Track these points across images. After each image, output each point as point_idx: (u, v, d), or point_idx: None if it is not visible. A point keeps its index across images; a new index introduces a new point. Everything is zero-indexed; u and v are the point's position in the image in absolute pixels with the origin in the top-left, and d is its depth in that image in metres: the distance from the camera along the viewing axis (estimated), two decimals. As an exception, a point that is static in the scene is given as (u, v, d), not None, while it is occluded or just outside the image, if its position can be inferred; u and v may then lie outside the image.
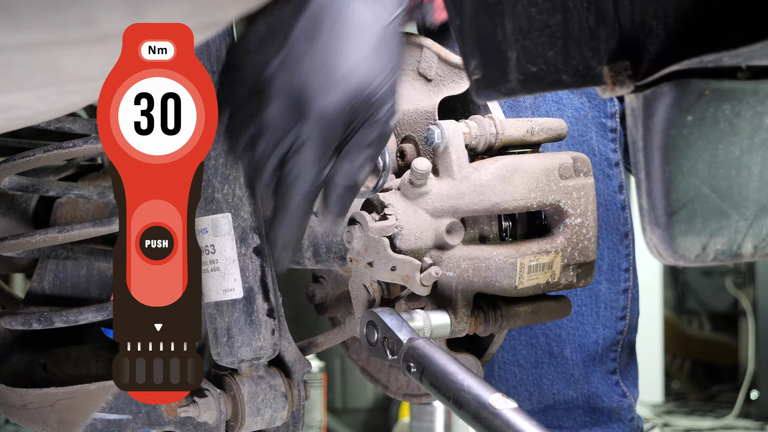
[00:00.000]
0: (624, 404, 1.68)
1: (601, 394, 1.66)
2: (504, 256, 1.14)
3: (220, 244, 1.20)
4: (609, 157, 1.64)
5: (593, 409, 1.67)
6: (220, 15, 0.70)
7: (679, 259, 0.87)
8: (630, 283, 1.67)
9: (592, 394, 1.66)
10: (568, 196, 1.18)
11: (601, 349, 1.65)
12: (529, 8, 0.82)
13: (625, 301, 1.67)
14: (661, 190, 0.85)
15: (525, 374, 1.66)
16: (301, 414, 1.26)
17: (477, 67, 0.85)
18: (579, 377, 1.65)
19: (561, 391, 1.65)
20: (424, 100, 1.26)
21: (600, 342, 1.65)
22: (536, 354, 1.65)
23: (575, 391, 1.65)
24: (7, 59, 0.62)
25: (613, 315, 1.66)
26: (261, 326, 1.21)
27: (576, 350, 1.64)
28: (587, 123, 1.63)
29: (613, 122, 1.66)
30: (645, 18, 0.81)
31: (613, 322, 1.67)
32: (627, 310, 1.67)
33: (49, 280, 1.42)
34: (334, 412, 2.80)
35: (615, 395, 1.68)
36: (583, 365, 1.65)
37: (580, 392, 1.65)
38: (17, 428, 2.07)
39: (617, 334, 1.66)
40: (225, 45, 1.20)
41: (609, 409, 1.67)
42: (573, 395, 1.65)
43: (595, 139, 1.64)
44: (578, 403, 1.66)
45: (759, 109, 0.86)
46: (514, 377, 1.67)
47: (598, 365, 1.66)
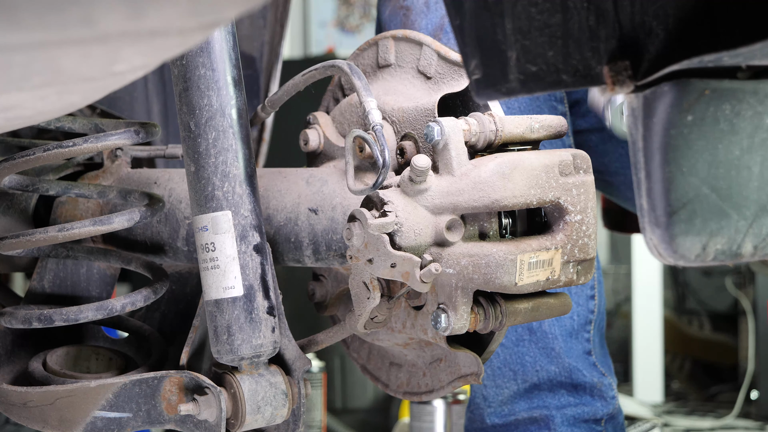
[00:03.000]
0: (604, 381, 1.71)
1: (581, 369, 1.69)
2: (504, 253, 1.14)
3: (220, 241, 1.20)
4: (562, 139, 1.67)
5: (575, 385, 1.69)
6: (220, 15, 0.70)
7: (679, 259, 0.87)
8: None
9: (573, 368, 1.68)
10: (568, 193, 1.18)
11: (576, 325, 1.69)
12: (529, 8, 0.82)
13: (593, 281, 1.71)
14: (661, 190, 0.85)
15: (508, 353, 1.69)
16: (302, 412, 1.27)
17: (477, 66, 0.85)
18: (559, 351, 1.68)
19: (544, 368, 1.68)
20: (423, 97, 1.26)
21: (575, 318, 1.69)
22: (516, 331, 1.68)
23: (557, 365, 1.68)
24: (7, 59, 0.62)
25: (584, 293, 1.70)
26: (261, 324, 1.21)
27: (553, 324, 1.68)
28: (540, 104, 1.66)
29: (563, 107, 1.69)
30: (645, 18, 0.81)
31: (585, 300, 1.71)
32: (594, 291, 1.71)
33: (49, 279, 1.42)
34: (334, 412, 2.80)
35: (595, 372, 1.71)
36: (561, 339, 1.68)
37: (562, 367, 1.68)
38: (17, 428, 2.07)
39: (589, 312, 1.71)
40: (227, 44, 1.21)
41: (591, 385, 1.69)
42: (555, 370, 1.68)
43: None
44: (560, 379, 1.69)
45: (759, 109, 0.86)
46: (497, 357, 1.69)
47: (575, 342, 1.69)
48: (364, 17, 5.01)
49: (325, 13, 4.99)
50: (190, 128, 1.21)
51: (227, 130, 1.20)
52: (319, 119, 1.36)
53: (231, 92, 1.21)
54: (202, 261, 1.21)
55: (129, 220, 1.27)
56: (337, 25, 5.00)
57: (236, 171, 1.20)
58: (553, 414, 1.69)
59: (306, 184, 1.30)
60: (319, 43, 4.95)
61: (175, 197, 1.38)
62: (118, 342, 1.45)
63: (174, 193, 1.38)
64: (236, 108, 1.21)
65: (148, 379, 1.25)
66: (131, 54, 0.69)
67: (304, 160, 1.39)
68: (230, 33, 1.21)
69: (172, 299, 1.45)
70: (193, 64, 1.20)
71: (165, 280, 1.35)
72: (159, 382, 1.24)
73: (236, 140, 1.21)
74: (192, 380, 1.23)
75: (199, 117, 1.20)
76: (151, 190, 1.39)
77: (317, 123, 1.36)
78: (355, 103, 1.32)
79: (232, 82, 1.21)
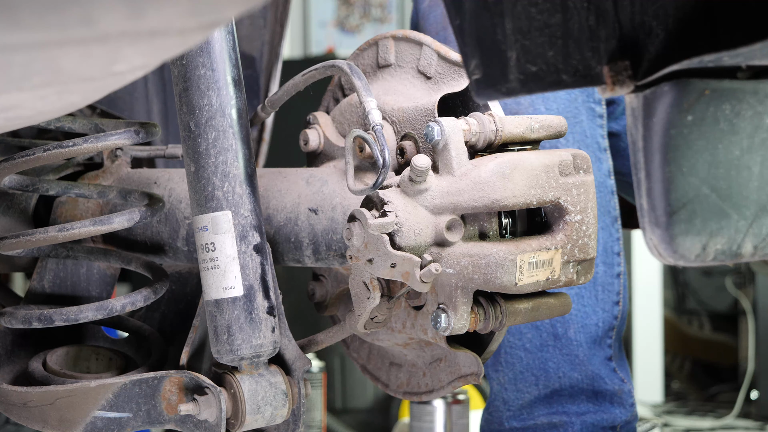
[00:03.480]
0: (624, 389, 1.70)
1: (603, 376, 1.68)
2: (504, 253, 1.14)
3: (220, 241, 1.20)
4: (599, 141, 1.66)
5: (596, 393, 1.68)
6: (220, 15, 0.70)
7: (679, 259, 0.87)
8: (622, 269, 1.68)
9: (595, 375, 1.67)
10: (568, 193, 1.18)
11: (601, 332, 1.67)
12: (529, 8, 0.82)
13: (618, 286, 1.69)
14: (661, 190, 0.85)
15: (531, 358, 1.67)
16: (302, 412, 1.27)
17: (477, 66, 0.85)
18: (583, 358, 1.66)
19: (566, 374, 1.66)
20: (423, 97, 1.26)
21: (600, 325, 1.67)
22: (541, 336, 1.66)
23: (580, 373, 1.66)
24: (7, 59, 0.62)
25: (610, 299, 1.69)
26: (261, 324, 1.21)
27: (579, 331, 1.66)
28: (578, 106, 1.65)
29: (601, 108, 1.68)
30: (645, 18, 0.81)
31: (610, 306, 1.69)
32: (620, 296, 1.69)
33: (49, 279, 1.42)
34: (334, 412, 2.80)
35: (616, 379, 1.69)
36: (586, 346, 1.66)
37: (584, 374, 1.67)
38: (17, 428, 2.07)
39: (613, 318, 1.69)
40: (227, 44, 1.21)
41: (611, 393, 1.68)
42: (577, 377, 1.66)
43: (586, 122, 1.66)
44: (582, 386, 1.67)
45: (759, 108, 0.86)
46: (520, 362, 1.68)
47: (598, 349, 1.68)
48: (364, 17, 5.01)
49: (325, 13, 4.99)
50: (190, 128, 1.21)
51: (227, 130, 1.20)
52: (319, 119, 1.36)
53: (231, 92, 1.21)
54: (202, 261, 1.21)
55: (129, 220, 1.27)
56: (337, 25, 5.00)
57: (236, 171, 1.20)
58: (573, 420, 1.67)
59: (306, 184, 1.30)
60: (319, 43, 4.95)
61: (175, 197, 1.38)
62: (118, 342, 1.45)
63: (174, 193, 1.38)
64: (236, 108, 1.21)
65: (148, 379, 1.25)
66: (131, 54, 0.69)
67: (304, 160, 1.39)
68: (230, 33, 1.21)
69: (172, 299, 1.45)
70: (193, 64, 1.20)
71: (165, 280, 1.35)
72: (159, 382, 1.24)
73: (236, 140, 1.21)
74: (192, 380, 1.23)
75: (199, 117, 1.20)
76: (151, 190, 1.39)
77: (317, 123, 1.36)
78: (355, 103, 1.32)
79: (232, 82, 1.21)
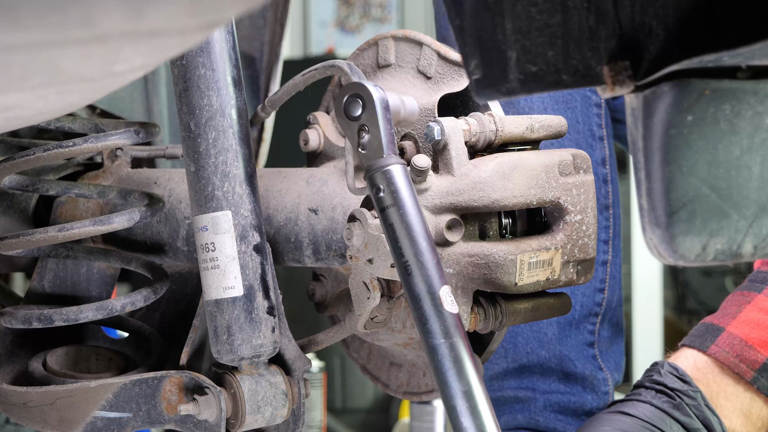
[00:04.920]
0: (598, 376, 1.70)
1: (573, 359, 1.69)
2: (504, 253, 1.14)
3: (220, 241, 1.20)
4: (593, 129, 1.66)
5: (566, 374, 1.69)
6: (220, 15, 0.70)
7: (679, 259, 0.87)
8: (609, 257, 1.69)
9: (564, 356, 1.68)
10: (568, 193, 1.18)
11: (577, 316, 1.68)
12: (529, 8, 0.82)
13: (603, 274, 1.70)
14: (661, 190, 0.85)
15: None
16: (302, 412, 1.27)
17: (477, 66, 0.85)
18: (552, 338, 1.67)
19: (534, 351, 1.68)
20: (423, 97, 1.26)
21: (577, 308, 1.67)
22: None
23: (548, 351, 1.68)
24: (7, 59, 0.62)
25: (591, 285, 1.69)
26: (261, 324, 1.21)
27: None
28: (572, 92, 1.66)
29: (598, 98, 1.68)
30: (645, 18, 0.81)
31: (591, 291, 1.70)
32: (605, 284, 1.70)
33: (49, 279, 1.42)
34: (334, 412, 2.80)
35: (589, 365, 1.70)
36: (557, 326, 1.67)
37: (553, 353, 1.68)
38: (17, 428, 2.07)
39: (595, 305, 1.70)
40: (227, 44, 1.21)
41: (582, 377, 1.69)
42: (545, 356, 1.68)
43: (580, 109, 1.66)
44: (551, 365, 1.68)
45: (759, 109, 0.86)
46: None
47: (574, 332, 1.68)
48: (364, 17, 5.01)
49: (325, 13, 4.99)
50: (190, 128, 1.21)
51: (227, 130, 1.20)
52: (319, 119, 1.36)
53: (231, 92, 1.21)
54: (202, 261, 1.21)
55: (129, 220, 1.27)
56: (337, 25, 5.00)
57: (236, 171, 1.20)
58: (537, 397, 1.70)
59: (306, 184, 1.30)
60: (319, 43, 4.95)
61: (175, 197, 1.38)
62: (118, 342, 1.45)
63: (174, 193, 1.38)
64: (236, 108, 1.21)
65: (148, 379, 1.25)
66: (131, 54, 0.69)
67: (304, 160, 1.39)
68: (230, 33, 1.21)
69: (172, 299, 1.45)
70: (193, 64, 1.20)
71: (165, 280, 1.35)
72: (159, 382, 1.24)
73: (236, 140, 1.21)
74: (192, 380, 1.23)
75: (199, 117, 1.20)
76: (151, 190, 1.39)
77: (317, 123, 1.36)
78: (355, 103, 1.32)
79: (232, 82, 1.21)
